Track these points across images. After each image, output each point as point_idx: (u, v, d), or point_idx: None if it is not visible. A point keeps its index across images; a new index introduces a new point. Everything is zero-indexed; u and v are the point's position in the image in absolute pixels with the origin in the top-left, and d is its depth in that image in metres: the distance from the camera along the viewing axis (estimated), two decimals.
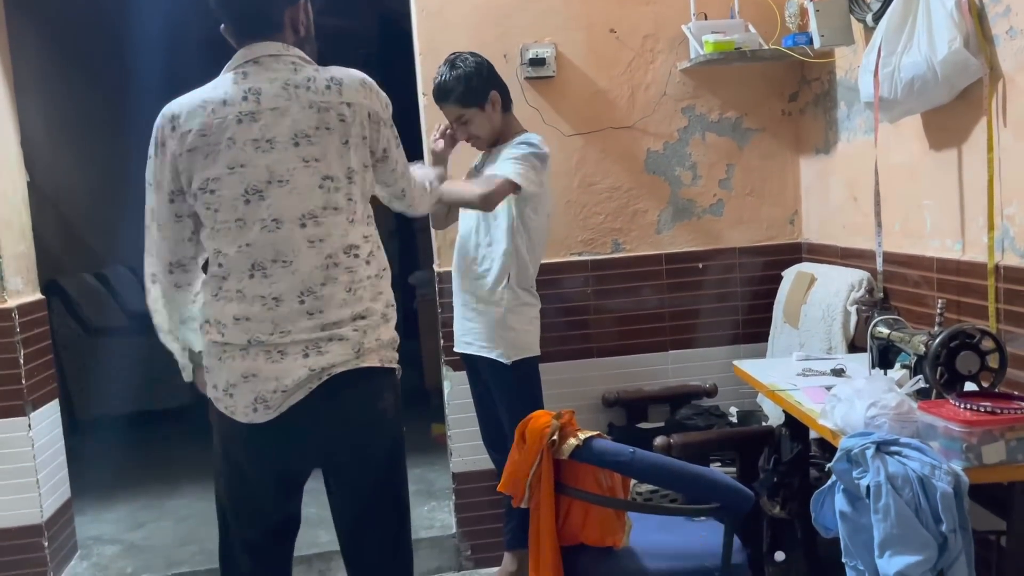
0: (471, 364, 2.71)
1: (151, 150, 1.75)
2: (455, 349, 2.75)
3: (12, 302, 2.93)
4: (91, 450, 4.14)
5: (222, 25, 1.77)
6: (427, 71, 3.02)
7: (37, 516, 2.96)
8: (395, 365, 1.84)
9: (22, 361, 2.92)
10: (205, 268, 1.82)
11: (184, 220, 1.76)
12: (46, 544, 2.98)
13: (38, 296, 3.16)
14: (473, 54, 2.56)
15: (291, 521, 1.91)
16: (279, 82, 1.68)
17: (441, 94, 2.54)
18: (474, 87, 2.50)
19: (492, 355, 2.56)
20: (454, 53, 2.58)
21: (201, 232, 1.77)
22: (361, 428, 1.78)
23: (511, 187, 2.42)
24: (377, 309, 1.78)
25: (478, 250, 2.58)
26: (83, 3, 5.08)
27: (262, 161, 1.66)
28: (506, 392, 2.57)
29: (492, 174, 2.45)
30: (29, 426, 2.93)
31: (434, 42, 3.00)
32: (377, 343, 1.77)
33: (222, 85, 1.71)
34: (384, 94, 1.81)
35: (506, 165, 2.44)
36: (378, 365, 1.77)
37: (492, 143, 2.62)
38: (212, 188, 1.68)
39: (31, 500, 2.94)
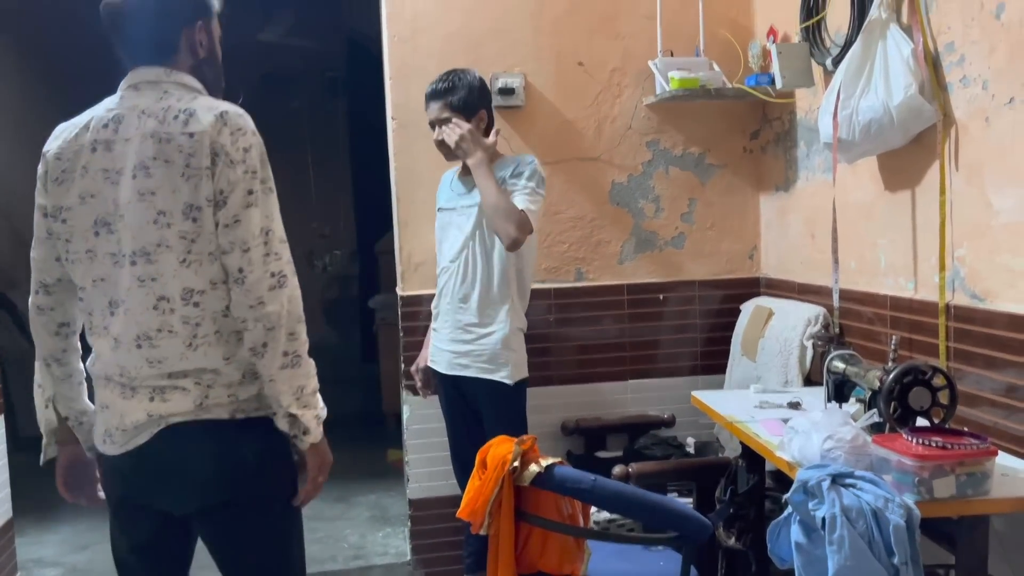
0: (456, 387, 2.67)
1: None
2: (444, 372, 2.67)
3: None
4: (34, 469, 4.02)
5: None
6: (397, 96, 3.04)
7: None
8: (260, 414, 1.63)
9: None
10: None
11: (52, 239, 1.66)
12: None
13: None
14: (475, 72, 2.61)
15: (163, 545, 1.72)
16: (138, 110, 1.58)
17: (436, 93, 2.56)
18: (468, 99, 2.54)
19: (495, 377, 2.55)
20: (456, 68, 2.61)
21: None
22: (209, 484, 1.61)
23: (530, 230, 2.46)
24: (231, 373, 1.60)
25: (476, 272, 2.57)
26: (40, 15, 5.01)
27: (109, 193, 1.57)
28: (503, 412, 2.56)
29: (518, 208, 2.43)
30: None
31: (405, 68, 3.03)
32: (230, 399, 1.60)
33: (98, 108, 1.64)
34: (252, 138, 1.58)
35: (523, 199, 2.45)
36: (227, 418, 1.60)
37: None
38: (64, 217, 1.62)
39: None
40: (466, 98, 2.53)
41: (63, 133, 1.65)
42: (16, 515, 3.21)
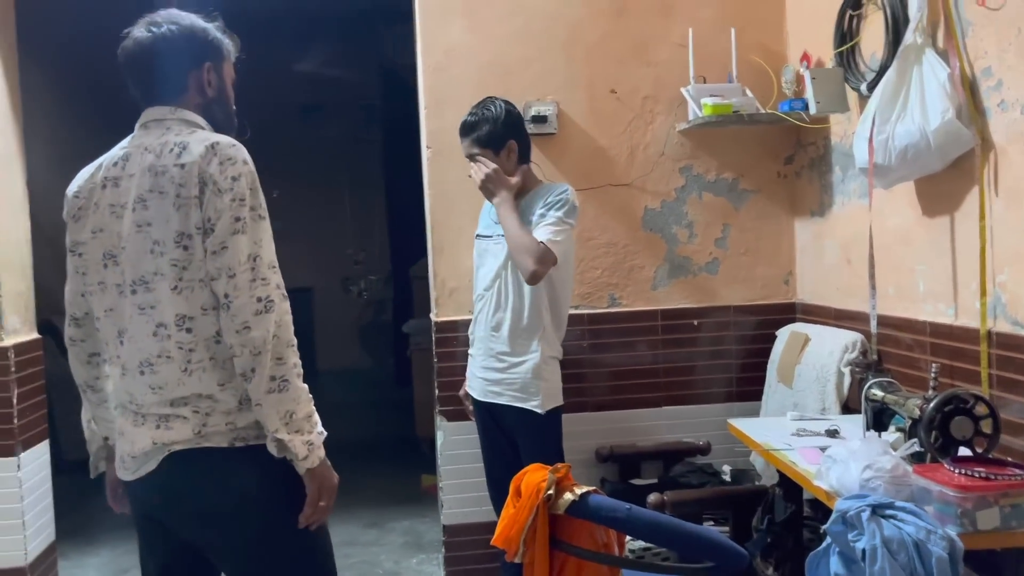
0: (490, 413, 2.68)
1: None
2: (478, 398, 2.68)
3: (9, 341, 2.93)
4: (76, 492, 4.08)
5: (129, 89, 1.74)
6: (431, 124, 3.08)
7: (21, 558, 2.91)
8: (258, 442, 1.64)
9: (15, 401, 2.91)
10: None
11: (76, 274, 1.75)
12: None
13: (34, 336, 3.16)
14: (506, 101, 2.60)
15: (186, 568, 1.76)
16: (143, 147, 1.66)
17: (463, 129, 2.60)
18: (494, 131, 2.55)
19: (526, 406, 2.54)
20: (488, 97, 2.63)
21: None
22: (211, 513, 1.64)
23: (553, 261, 2.44)
24: (227, 399, 1.63)
25: (507, 301, 2.57)
26: (92, 43, 5.16)
27: (115, 227, 1.65)
28: (537, 441, 2.56)
29: (538, 240, 2.42)
30: (18, 466, 2.90)
31: (439, 97, 3.07)
32: (228, 426, 1.63)
33: (115, 148, 1.72)
34: (242, 167, 1.60)
35: (547, 231, 2.43)
36: (226, 446, 1.63)
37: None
38: (80, 252, 1.71)
39: (16, 542, 2.91)
40: (492, 131, 2.54)
41: (83, 174, 1.74)
42: (58, 538, 3.26)
